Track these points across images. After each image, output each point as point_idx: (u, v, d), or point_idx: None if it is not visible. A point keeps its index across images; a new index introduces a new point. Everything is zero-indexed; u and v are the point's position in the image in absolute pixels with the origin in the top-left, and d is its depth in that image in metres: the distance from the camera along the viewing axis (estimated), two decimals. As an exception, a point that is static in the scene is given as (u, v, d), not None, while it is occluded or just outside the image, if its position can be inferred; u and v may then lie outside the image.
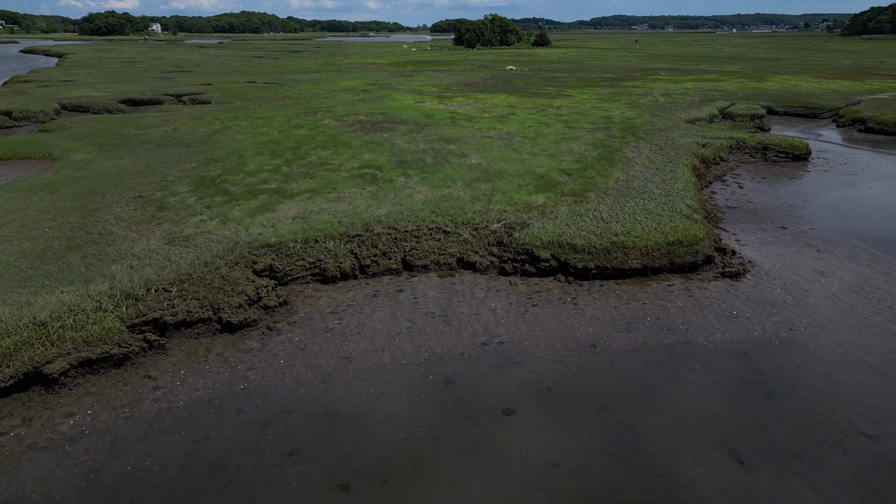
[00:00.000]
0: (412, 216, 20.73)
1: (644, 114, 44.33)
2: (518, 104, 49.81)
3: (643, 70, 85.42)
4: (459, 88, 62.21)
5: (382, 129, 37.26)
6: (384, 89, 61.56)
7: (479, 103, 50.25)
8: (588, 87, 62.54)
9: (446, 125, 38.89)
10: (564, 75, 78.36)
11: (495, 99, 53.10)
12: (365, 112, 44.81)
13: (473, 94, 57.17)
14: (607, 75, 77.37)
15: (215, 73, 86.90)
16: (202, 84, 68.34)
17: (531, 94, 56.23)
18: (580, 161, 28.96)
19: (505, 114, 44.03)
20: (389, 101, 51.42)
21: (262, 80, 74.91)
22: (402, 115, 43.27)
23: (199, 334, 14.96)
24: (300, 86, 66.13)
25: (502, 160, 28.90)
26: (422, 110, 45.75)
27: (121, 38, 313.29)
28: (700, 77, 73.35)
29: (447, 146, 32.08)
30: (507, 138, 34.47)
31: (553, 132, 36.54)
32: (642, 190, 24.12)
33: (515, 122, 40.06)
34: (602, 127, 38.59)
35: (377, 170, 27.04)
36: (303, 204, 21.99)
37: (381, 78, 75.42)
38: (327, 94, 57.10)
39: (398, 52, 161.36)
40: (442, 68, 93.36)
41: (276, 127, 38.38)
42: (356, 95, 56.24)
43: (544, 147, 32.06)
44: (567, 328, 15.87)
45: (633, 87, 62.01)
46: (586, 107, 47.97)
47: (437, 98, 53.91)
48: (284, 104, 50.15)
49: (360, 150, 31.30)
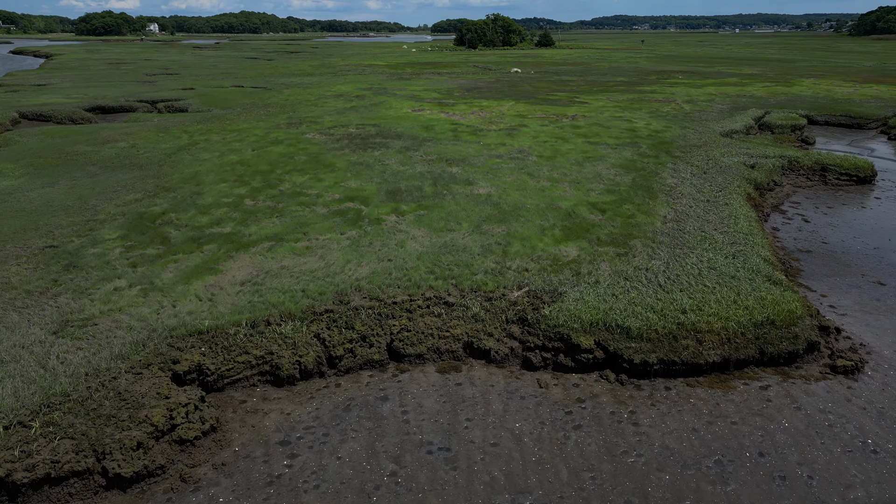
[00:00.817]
0: (403, 279, 15.47)
1: (672, 125, 39.06)
2: (528, 113, 44.56)
3: (658, 73, 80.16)
4: (462, 94, 56.99)
5: (374, 146, 32.03)
6: (380, 95, 56.33)
7: (485, 112, 45.02)
8: (602, 93, 57.27)
9: (448, 140, 33.65)
10: (574, 79, 73.11)
11: (502, 107, 47.85)
12: (356, 123, 39.58)
13: (477, 100, 51.93)
14: (620, 79, 72.08)
15: (202, 75, 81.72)
16: (183, 89, 63.12)
17: (541, 101, 50.98)
18: (612, 190, 23.69)
19: (514, 125, 38.76)
20: (384, 110, 46.20)
21: (250, 83, 69.71)
22: (398, 126, 38.04)
23: (69, 497, 9.73)
24: (289, 91, 60.91)
25: (517, 189, 23.64)
26: (420, 121, 40.52)
27: (117, 39, 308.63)
28: (721, 81, 68.06)
29: (449, 169, 26.83)
30: (519, 158, 29.22)
31: (573, 150, 31.27)
32: (700, 234, 18.85)
33: (527, 137, 34.80)
34: (628, 143, 33.32)
35: (362, 203, 21.80)
36: (259, 259, 16.72)
37: (377, 82, 70.19)
38: (317, 101, 51.87)
39: (397, 52, 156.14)
40: (443, 71, 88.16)
41: (250, 143, 33.15)
42: (348, 102, 51.01)
43: (565, 170, 26.79)
44: (629, 475, 10.61)
45: (652, 93, 56.75)
46: (605, 116, 42.70)
47: (438, 105, 48.68)
48: (267, 113, 44.92)
49: (345, 174, 26.05)
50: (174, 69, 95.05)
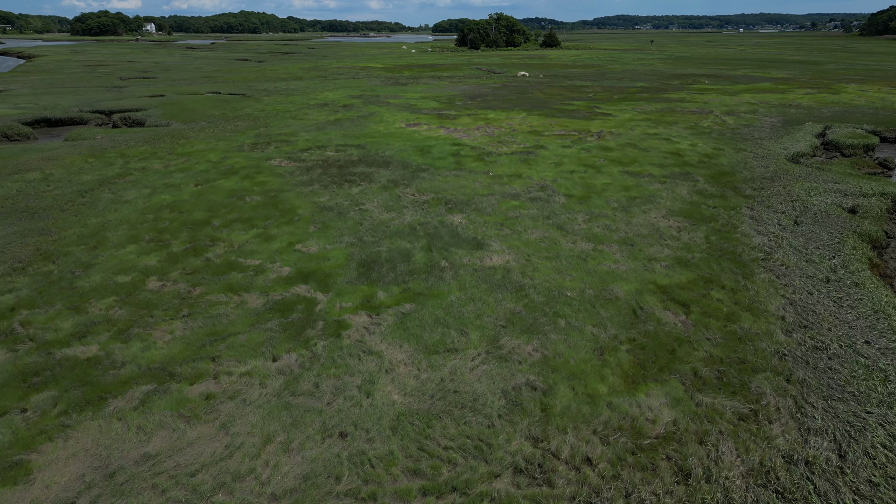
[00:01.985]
0: (361, 498, 8.30)
1: (724, 146, 31.89)
2: (544, 128, 37.41)
3: (679, 77, 72.93)
4: (465, 103, 49.86)
5: (353, 178, 24.91)
6: (371, 104, 49.23)
7: (492, 127, 37.87)
8: (625, 102, 50.09)
9: (448, 169, 26.51)
10: (589, 84, 65.91)
11: (512, 120, 40.70)
12: (337, 143, 32.48)
13: (483, 111, 44.77)
14: (641, 84, 64.87)
15: (180, 80, 74.68)
16: (151, 96, 56.07)
17: (557, 113, 43.82)
18: (685, 260, 16.53)
19: (529, 147, 31.60)
20: (373, 125, 39.08)
21: (230, 89, 62.66)
22: (388, 148, 30.92)
23: None
24: (269, 98, 53.83)
25: (547, 256, 16.51)
26: (415, 139, 33.39)
27: (111, 39, 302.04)
28: (754, 87, 60.84)
29: (449, 218, 19.71)
30: (542, 199, 22.08)
31: (610, 185, 24.13)
32: (855, 360, 11.69)
33: (548, 164, 27.65)
34: (678, 173, 26.15)
35: (320, 286, 14.68)
36: (113, 434, 9.55)
37: (370, 87, 63.07)
38: (297, 112, 44.77)
39: (396, 54, 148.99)
40: (443, 74, 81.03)
41: (197, 173, 26.06)
42: (333, 114, 43.88)
43: (609, 221, 19.64)
44: None
45: (682, 102, 49.58)
46: (637, 134, 35.53)
47: (437, 118, 41.54)
48: (234, 129, 37.82)
49: (306, 226, 18.94)
50: (154, 72, 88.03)
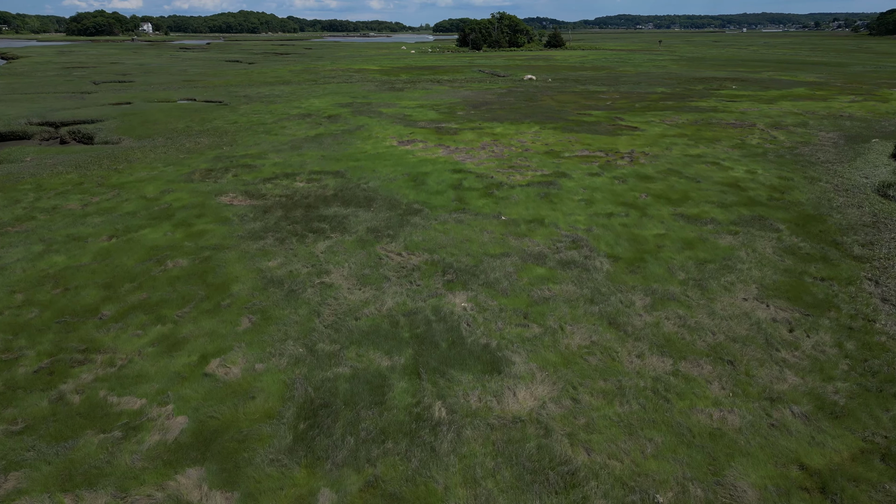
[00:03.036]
0: None
1: (789, 173, 25.71)
2: (562, 147, 31.28)
3: (701, 81, 66.70)
4: (467, 113, 43.71)
5: (320, 228, 18.80)
6: (360, 114, 43.11)
7: (500, 145, 31.75)
8: (650, 111, 43.93)
9: (448, 211, 20.37)
10: (603, 89, 59.71)
11: (523, 135, 34.55)
12: (310, 169, 26.37)
13: (488, 124, 38.62)
14: (661, 89, 58.68)
15: (157, 84, 68.60)
16: (117, 104, 50.01)
17: (574, 126, 37.64)
18: (829, 403, 10.34)
19: (549, 175, 25.42)
20: (360, 142, 32.95)
21: (208, 95, 56.59)
22: (373, 176, 24.82)
23: None
24: (247, 107, 47.75)
25: (604, 394, 10.36)
26: (408, 164, 27.27)
27: (106, 39, 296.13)
28: (789, 93, 54.64)
29: (448, 302, 13.58)
30: (579, 266, 15.91)
31: (666, 239, 17.98)
32: None
33: (576, 202, 21.49)
34: (750, 217, 19.96)
35: (220, 478, 8.54)
36: None
37: (362, 93, 56.93)
38: (272, 126, 38.65)
39: (395, 54, 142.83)
40: (444, 77, 74.88)
41: (119, 217, 19.95)
42: (314, 127, 37.76)
43: (682, 309, 13.45)
44: None
45: (715, 112, 43.41)
46: (676, 155, 29.38)
47: (435, 133, 35.41)
48: (192, 147, 31.75)
49: (235, 320, 12.83)
50: (134, 75, 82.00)
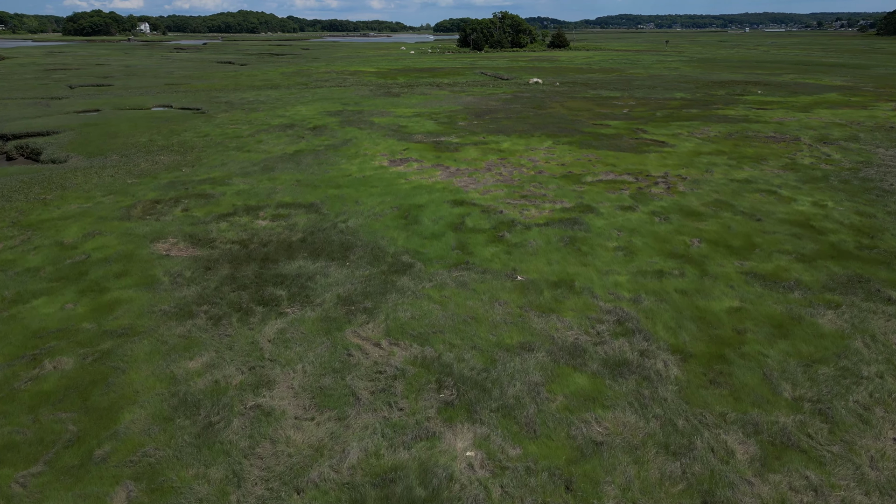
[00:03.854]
0: None
1: (868, 206, 20.96)
2: (582, 167, 26.59)
3: (720, 85, 61.93)
4: (469, 123, 39.01)
5: (272, 298, 14.07)
6: (349, 125, 38.43)
7: (509, 165, 27.06)
8: (674, 121, 39.19)
9: (447, 269, 15.62)
10: (617, 94, 55.00)
11: (535, 152, 29.84)
12: (280, 200, 21.70)
13: (494, 137, 33.93)
14: (680, 95, 53.95)
15: (137, 88, 63.95)
16: (82, 111, 45.38)
17: (592, 138, 32.92)
18: None
19: (571, 209, 20.68)
20: (344, 162, 28.25)
21: (187, 101, 51.98)
22: (354, 210, 20.11)
23: None
24: (225, 116, 43.10)
25: None
26: (398, 191, 22.59)
27: (102, 39, 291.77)
28: (822, 99, 49.91)
29: (447, 455, 8.88)
30: (635, 371, 11.17)
31: (747, 318, 13.22)
32: None
33: (612, 252, 16.77)
34: (846, 277, 15.21)
35: None
36: None
37: (354, 99, 52.26)
38: (247, 140, 33.98)
39: (393, 55, 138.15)
40: (443, 81, 70.17)
41: (12, 277, 15.22)
42: (295, 142, 33.07)
43: (823, 482, 8.75)
44: None
45: (748, 122, 38.70)
46: (719, 179, 24.65)
47: (433, 149, 30.72)
48: (148, 168, 27.07)
49: (104, 491, 8.15)
50: (115, 78, 77.37)
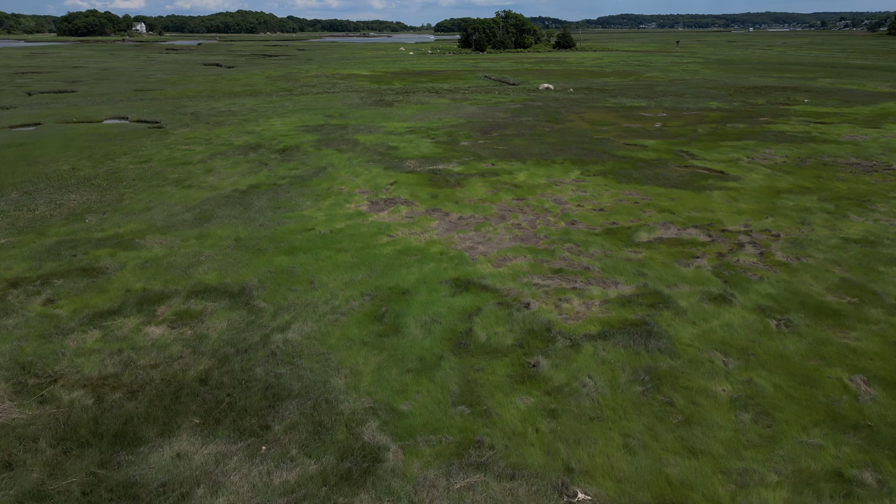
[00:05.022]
0: None
1: None
2: (627, 214, 19.60)
3: (757, 91, 54.83)
4: (474, 144, 32.00)
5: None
6: (327, 146, 31.46)
7: (530, 210, 20.06)
8: (724, 141, 32.16)
9: (444, 466, 8.53)
10: (642, 103, 47.97)
11: (561, 188, 22.80)
12: (195, 283, 14.70)
13: (506, 164, 26.90)
14: (714, 104, 46.90)
15: (101, 95, 57.05)
16: (18, 126, 38.47)
17: (630, 166, 25.82)
18: None
19: (633, 300, 13.59)
20: (309, 204, 21.21)
21: (148, 111, 45.13)
22: (302, 307, 12.93)
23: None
24: (183, 132, 36.17)
25: None
26: (375, 263, 15.57)
27: (96, 40, 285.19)
28: (883, 109, 42.83)
29: None
30: None
31: None
32: None
33: (730, 416, 9.60)
34: None
35: None
36: None
37: (339, 110, 45.29)
38: (196, 166, 26.99)
39: (391, 56, 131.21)
40: (443, 86, 63.16)
41: None
42: (253, 171, 26.07)
43: None
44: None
45: (814, 141, 31.64)
46: (823, 236, 17.63)
47: (429, 183, 23.71)
48: (39, 218, 20.08)
49: None
50: (84, 83, 70.51)
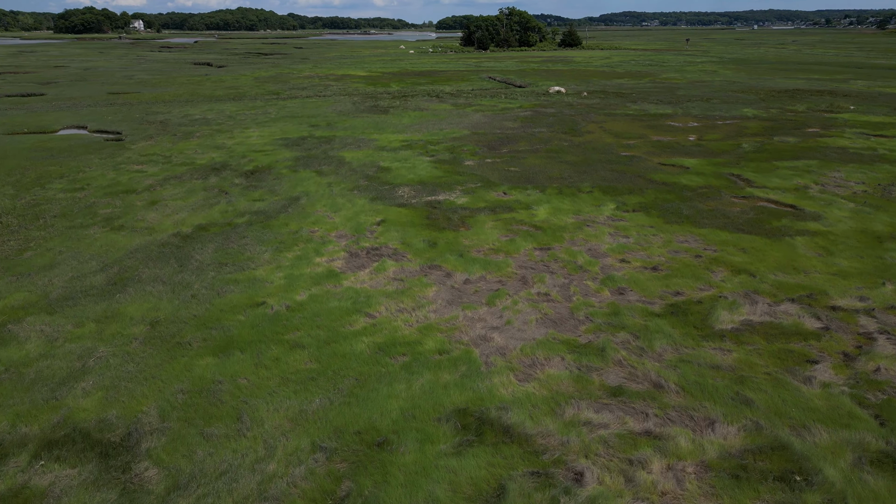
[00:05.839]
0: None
1: None
2: (692, 281, 14.39)
3: (790, 95, 49.44)
4: (480, 163, 26.73)
5: None
6: (305, 167, 26.23)
7: (557, 268, 14.81)
8: (779, 161, 26.87)
9: None
10: (667, 111, 42.65)
11: (593, 230, 17.53)
12: (41, 441, 9.63)
13: (520, 192, 21.64)
14: (750, 112, 41.57)
15: (68, 100, 51.95)
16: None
17: (675, 198, 20.49)
18: None
19: (743, 473, 8.27)
20: (266, 259, 15.91)
21: (114, 119, 40.03)
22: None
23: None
24: (142, 146, 31.01)
25: None
26: (339, 373, 10.25)
27: (93, 37, 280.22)
28: (947, 119, 37.59)
29: None
30: None
31: None
32: None
33: None
34: None
35: None
36: None
37: (327, 119, 40.07)
38: (140, 196, 21.76)
39: (391, 55, 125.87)
40: (445, 88, 57.90)
41: None
42: (207, 204, 20.88)
43: None
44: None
45: (887, 162, 26.37)
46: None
47: (426, 225, 18.45)
48: None
49: None
50: (58, 84, 65.40)
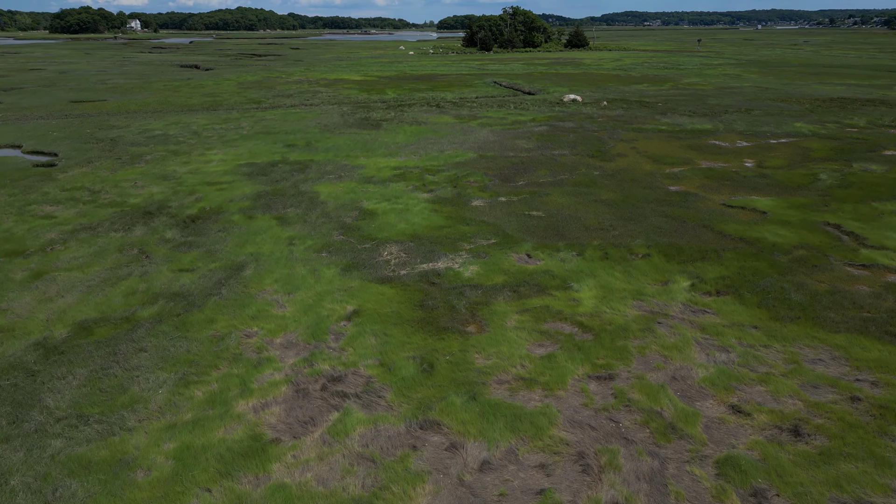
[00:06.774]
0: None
1: None
2: (858, 462, 8.57)
3: (839, 105, 43.28)
4: (492, 201, 20.63)
5: None
6: (264, 209, 20.14)
7: (639, 435, 8.74)
8: (879, 204, 20.79)
9: None
10: (705, 125, 36.51)
11: (673, 338, 11.17)
12: None
13: (549, 256, 15.41)
14: (805, 127, 35.38)
15: (23, 110, 45.98)
16: None
17: (768, 268, 14.08)
18: None
19: None
20: (155, 416, 9.70)
21: (48, 140, 34.14)
22: None
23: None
24: (74, 174, 24.97)
25: None
26: None
27: (88, 37, 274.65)
28: None
29: None
30: None
31: None
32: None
33: None
34: None
35: None
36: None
37: (308, 135, 33.97)
38: (35, 258, 15.66)
39: (389, 56, 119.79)
40: (446, 96, 51.81)
41: None
42: (110, 281, 14.64)
43: None
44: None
45: None
46: None
47: (418, 329, 12.17)
48: None
49: None
50: (23, 90, 59.53)
